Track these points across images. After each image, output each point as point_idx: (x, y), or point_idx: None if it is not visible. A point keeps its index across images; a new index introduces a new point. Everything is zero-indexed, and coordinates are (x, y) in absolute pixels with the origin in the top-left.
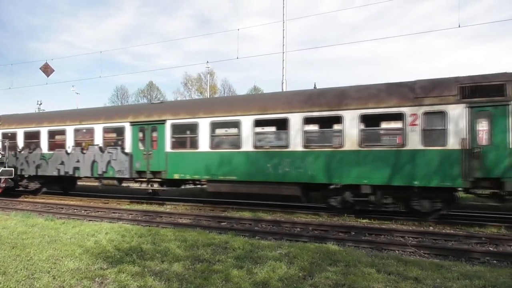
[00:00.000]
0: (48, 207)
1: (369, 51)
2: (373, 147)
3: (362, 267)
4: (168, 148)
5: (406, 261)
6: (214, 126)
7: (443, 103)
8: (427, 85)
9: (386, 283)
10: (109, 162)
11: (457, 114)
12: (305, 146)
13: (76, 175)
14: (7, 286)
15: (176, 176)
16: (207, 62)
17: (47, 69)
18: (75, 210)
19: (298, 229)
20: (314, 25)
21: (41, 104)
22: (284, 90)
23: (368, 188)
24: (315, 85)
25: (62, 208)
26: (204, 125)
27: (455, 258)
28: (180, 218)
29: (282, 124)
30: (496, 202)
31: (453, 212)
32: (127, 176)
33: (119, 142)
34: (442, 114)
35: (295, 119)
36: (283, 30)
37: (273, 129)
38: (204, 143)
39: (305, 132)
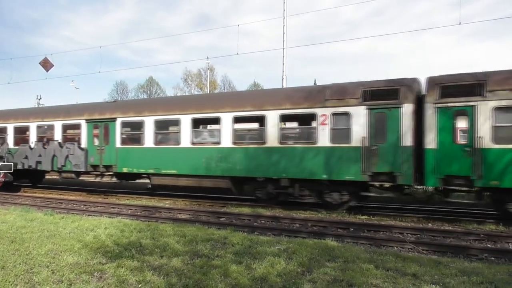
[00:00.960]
0: (47, 201)
1: (369, 47)
2: (290, 144)
3: (360, 263)
4: (118, 144)
5: (405, 257)
6: (158, 124)
7: (348, 105)
8: (337, 89)
9: (385, 279)
10: (67, 156)
11: (359, 115)
12: (234, 143)
13: (39, 168)
14: (6, 280)
15: (125, 170)
16: (207, 57)
17: (46, 64)
18: (74, 205)
19: (297, 225)
20: (314, 21)
21: (40, 98)
22: (284, 86)
23: (287, 181)
24: (315, 82)
25: (61, 203)
26: (149, 123)
27: (454, 254)
28: (179, 213)
29: (215, 122)
30: (395, 195)
31: (452, 209)
32: (83, 169)
33: (76, 138)
34: (347, 115)
35: (226, 118)
36: (283, 26)
37: (208, 127)
38: (149, 140)
39: (235, 130)
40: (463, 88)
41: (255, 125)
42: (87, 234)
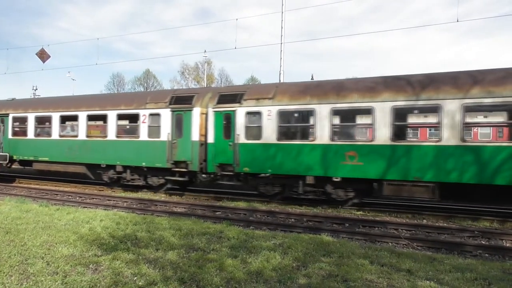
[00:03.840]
0: (43, 193)
1: (367, 44)
2: (122, 138)
3: (355, 259)
4: (10, 135)
5: (399, 253)
6: (37, 119)
7: (159, 108)
8: (154, 95)
9: (379, 275)
10: None
11: (166, 115)
12: (87, 136)
13: None
14: (0, 271)
15: (15, 157)
16: (205, 51)
17: (43, 55)
18: (70, 197)
19: (292, 220)
20: (312, 17)
21: (36, 89)
22: (282, 81)
23: (121, 168)
24: (312, 77)
25: (57, 194)
26: (31, 118)
27: (448, 251)
28: (175, 206)
29: (75, 119)
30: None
31: (446, 206)
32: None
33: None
34: (159, 115)
35: (82, 116)
36: (282, 20)
37: (71, 123)
38: (31, 132)
39: (88, 125)
40: (230, 97)
41: (101, 122)
42: (83, 226)
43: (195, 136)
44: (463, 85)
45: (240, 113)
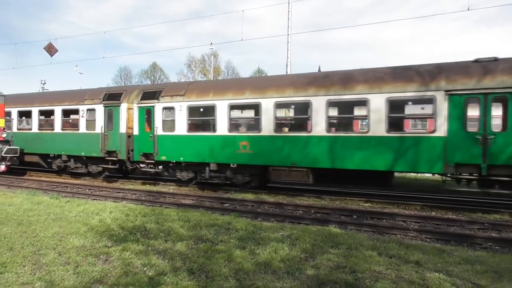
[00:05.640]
0: (53, 185)
1: (374, 35)
2: (67, 130)
3: (363, 250)
4: None
5: (408, 245)
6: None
7: (95, 103)
8: (91, 92)
9: (388, 266)
10: None
11: (100, 110)
12: (39, 129)
13: None
14: (14, 262)
15: None
16: (211, 43)
17: (51, 49)
18: (80, 189)
19: (300, 211)
20: (319, 8)
21: (45, 83)
22: (288, 73)
23: (66, 157)
24: (319, 68)
25: (67, 186)
26: None
27: (457, 243)
28: (184, 198)
29: (29, 115)
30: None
31: (455, 198)
32: None
33: None
34: (94, 110)
35: (35, 111)
36: (288, 12)
37: (26, 117)
38: None
39: (39, 119)
40: (150, 94)
41: (50, 117)
42: (93, 218)
43: (123, 128)
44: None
45: (158, 108)
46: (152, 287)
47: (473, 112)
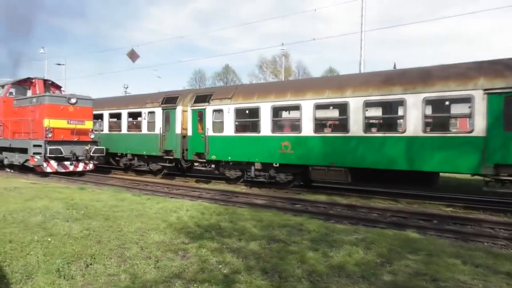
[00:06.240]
0: (135, 183)
1: (455, 28)
2: (131, 131)
3: (445, 258)
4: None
5: (497, 254)
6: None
7: (154, 107)
8: (152, 97)
9: (474, 276)
10: None
11: (159, 113)
12: (109, 130)
13: None
14: (101, 254)
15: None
16: (282, 44)
17: (133, 55)
18: (158, 187)
19: (375, 214)
20: (395, 2)
21: (127, 87)
22: (362, 71)
23: (130, 156)
24: (394, 65)
25: (147, 185)
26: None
27: None
28: (256, 198)
29: (100, 117)
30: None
31: None
32: None
33: None
34: (154, 113)
35: (106, 114)
36: (362, 8)
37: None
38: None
39: (110, 121)
40: (202, 98)
41: (119, 119)
42: (171, 215)
43: (178, 129)
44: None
45: (209, 110)
46: (227, 284)
47: None
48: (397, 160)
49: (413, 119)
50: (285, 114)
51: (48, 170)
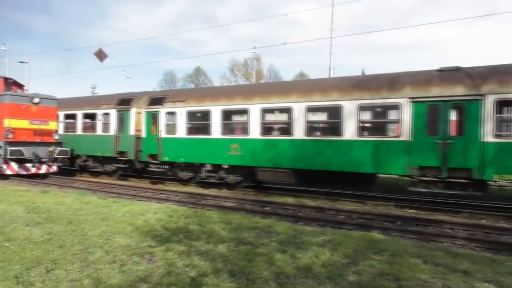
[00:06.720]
0: (101, 186)
1: (422, 36)
2: (87, 132)
3: (408, 257)
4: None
5: (456, 254)
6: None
7: (109, 108)
8: (107, 98)
9: (433, 275)
10: None
11: (113, 115)
12: (65, 131)
13: None
14: (64, 259)
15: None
16: (254, 47)
17: (101, 55)
18: (125, 190)
19: (342, 216)
20: (364, 9)
21: (95, 87)
22: (332, 76)
23: (85, 157)
24: (363, 71)
25: (114, 187)
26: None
27: (509, 253)
28: (225, 201)
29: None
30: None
31: (507, 205)
32: None
33: None
34: (108, 114)
35: (61, 115)
36: (332, 14)
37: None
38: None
39: (65, 123)
40: (156, 100)
41: (75, 120)
42: (138, 218)
43: (132, 131)
44: None
45: (163, 113)
46: (194, 287)
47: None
48: (336, 162)
49: (349, 124)
50: (235, 118)
51: (8, 172)
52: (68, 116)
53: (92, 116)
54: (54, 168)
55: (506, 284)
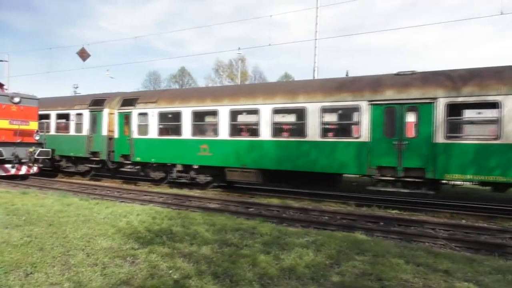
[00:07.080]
0: (83, 187)
1: (403, 40)
2: (60, 133)
3: (390, 258)
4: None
5: (436, 254)
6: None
7: (82, 108)
8: (80, 99)
9: (415, 275)
10: None
11: (86, 115)
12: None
13: None
14: (44, 262)
15: None
16: (239, 48)
17: (83, 54)
18: (108, 192)
19: (326, 217)
20: (348, 12)
21: (77, 87)
22: (316, 77)
23: (58, 157)
24: (347, 73)
25: (96, 189)
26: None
27: (488, 252)
28: (209, 202)
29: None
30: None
31: (486, 206)
32: None
33: None
34: (81, 115)
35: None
36: (316, 16)
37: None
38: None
39: (39, 123)
40: (129, 101)
41: (48, 120)
42: (120, 220)
43: (104, 131)
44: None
45: (135, 114)
46: None
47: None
48: (301, 163)
49: (312, 125)
50: (205, 119)
51: None
52: (41, 116)
53: (65, 116)
54: (35, 169)
55: (485, 283)
